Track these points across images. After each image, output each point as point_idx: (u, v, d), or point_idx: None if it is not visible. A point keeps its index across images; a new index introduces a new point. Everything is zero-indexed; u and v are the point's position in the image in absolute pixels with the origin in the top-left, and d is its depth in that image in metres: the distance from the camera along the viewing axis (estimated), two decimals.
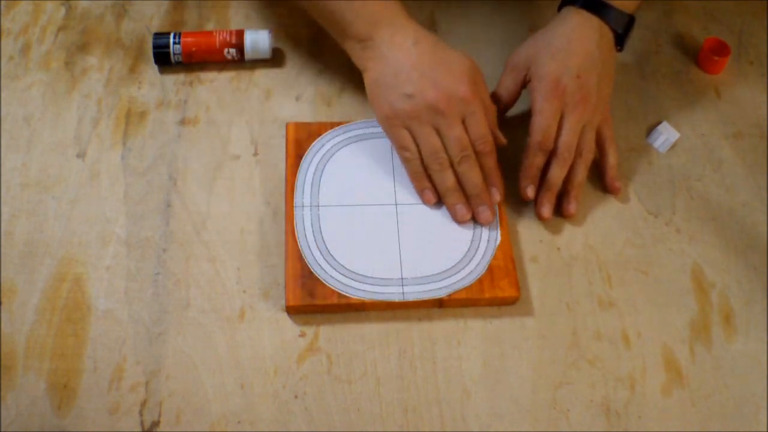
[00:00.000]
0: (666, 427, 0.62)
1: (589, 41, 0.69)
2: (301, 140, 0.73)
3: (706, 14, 0.88)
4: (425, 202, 0.69)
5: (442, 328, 0.65)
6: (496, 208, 0.69)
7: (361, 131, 0.74)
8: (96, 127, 0.75)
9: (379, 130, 0.74)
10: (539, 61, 0.69)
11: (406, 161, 0.69)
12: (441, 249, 0.67)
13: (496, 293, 0.65)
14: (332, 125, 0.74)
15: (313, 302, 0.64)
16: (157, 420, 0.60)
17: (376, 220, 0.68)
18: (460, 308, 0.66)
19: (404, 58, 0.66)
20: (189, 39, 0.78)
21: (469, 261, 0.66)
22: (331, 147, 0.73)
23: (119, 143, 0.74)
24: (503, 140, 0.70)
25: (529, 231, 0.71)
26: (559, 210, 0.71)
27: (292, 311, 0.65)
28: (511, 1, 0.88)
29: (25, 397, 0.60)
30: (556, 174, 0.69)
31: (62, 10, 0.84)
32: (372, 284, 0.65)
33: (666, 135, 0.77)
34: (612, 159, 0.72)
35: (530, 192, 0.69)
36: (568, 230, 0.71)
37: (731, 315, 0.67)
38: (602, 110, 0.71)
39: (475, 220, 0.69)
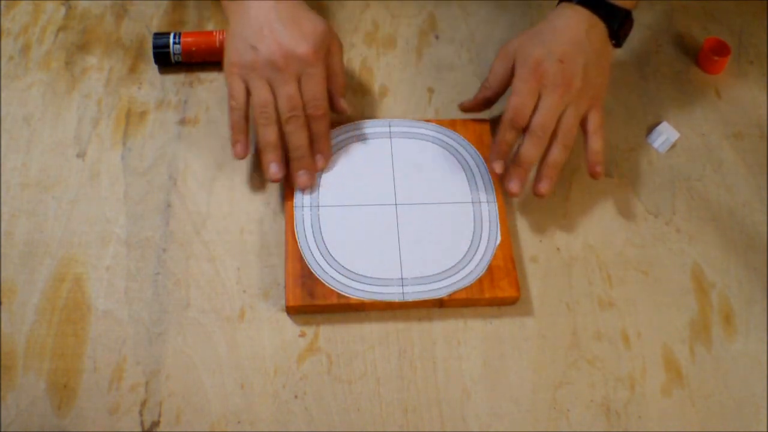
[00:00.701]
0: (666, 427, 0.62)
1: (577, 30, 0.69)
2: None
3: (706, 14, 0.88)
4: (234, 155, 0.70)
5: (442, 328, 0.65)
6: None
7: (361, 131, 0.74)
8: (96, 127, 0.75)
9: (379, 130, 0.74)
10: (525, 47, 0.69)
11: (230, 110, 0.69)
12: (441, 249, 0.67)
13: (496, 293, 0.65)
14: (332, 125, 0.74)
15: (313, 302, 0.64)
16: (157, 420, 0.60)
17: (376, 220, 0.68)
18: (460, 308, 0.66)
19: (261, 13, 0.68)
20: (189, 39, 0.78)
21: (469, 261, 0.66)
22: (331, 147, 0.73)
23: (119, 143, 0.74)
24: (345, 109, 0.71)
25: (529, 231, 0.71)
26: (532, 188, 0.69)
27: (292, 311, 0.65)
28: (511, 1, 0.88)
29: (25, 397, 0.60)
30: (527, 151, 0.67)
31: (62, 10, 0.84)
32: (372, 284, 0.65)
33: (666, 135, 0.77)
34: (595, 144, 0.70)
35: (497, 167, 0.69)
36: (568, 230, 0.71)
37: (731, 315, 0.67)
38: (590, 98, 0.69)
39: (294, 182, 0.69)
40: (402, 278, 0.65)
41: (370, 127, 0.75)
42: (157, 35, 0.79)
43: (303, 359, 0.63)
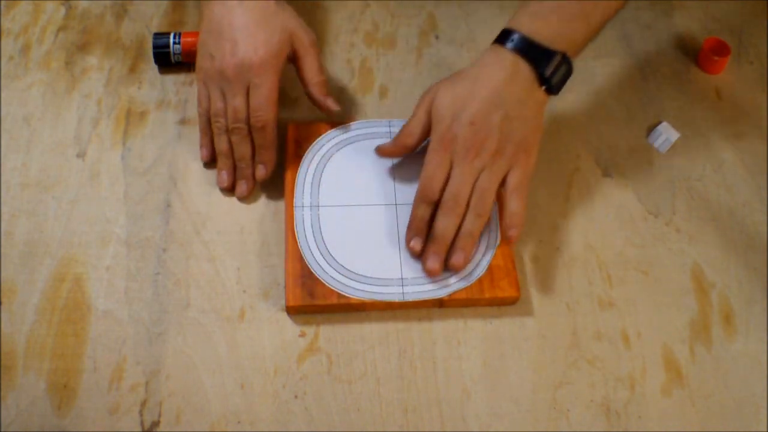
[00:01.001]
0: (666, 427, 0.62)
1: (497, 80, 0.64)
2: (301, 140, 0.73)
3: (706, 14, 0.88)
4: (201, 158, 0.72)
5: (442, 328, 0.65)
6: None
7: (361, 131, 0.74)
8: (96, 127, 0.75)
9: (379, 130, 0.74)
10: (440, 103, 0.65)
11: (198, 116, 0.72)
12: None
13: (496, 293, 0.65)
14: (332, 125, 0.74)
15: (313, 302, 0.64)
16: (157, 420, 0.60)
17: (376, 220, 0.68)
18: (460, 308, 0.66)
19: (225, 16, 0.68)
20: (189, 39, 0.78)
21: (469, 261, 0.66)
22: (331, 147, 0.73)
23: (119, 143, 0.74)
24: (331, 107, 0.71)
25: (529, 231, 0.71)
26: (448, 262, 0.65)
27: (292, 311, 0.65)
28: (511, 1, 0.88)
29: (25, 397, 0.60)
30: (441, 224, 0.64)
31: (62, 10, 0.84)
32: (372, 284, 0.65)
33: (666, 135, 0.77)
34: (511, 206, 0.65)
35: (414, 244, 0.65)
36: (568, 230, 0.71)
37: (731, 315, 0.67)
38: (510, 156, 0.64)
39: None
40: (402, 278, 0.65)
41: (370, 127, 0.75)
42: (157, 35, 0.79)
43: (303, 359, 0.63)
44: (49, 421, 0.59)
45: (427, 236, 0.65)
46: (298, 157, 0.72)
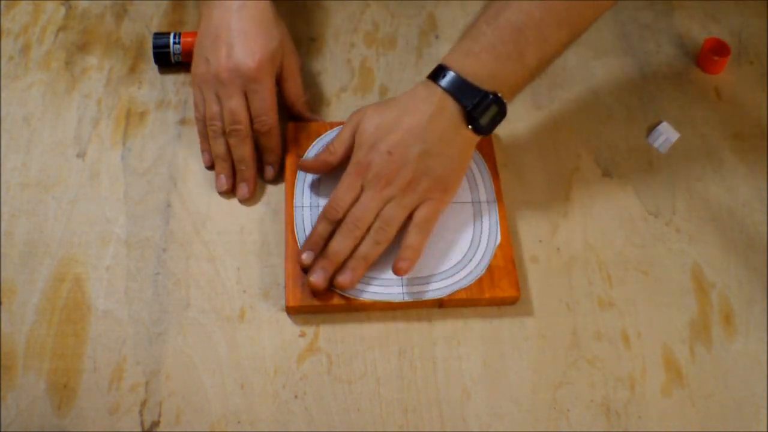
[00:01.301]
0: (666, 427, 0.62)
1: (422, 115, 0.63)
2: (301, 140, 0.73)
3: (706, 14, 0.88)
4: (204, 162, 0.72)
5: (442, 328, 0.65)
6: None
7: None
8: (96, 127, 0.75)
9: None
10: (364, 128, 0.65)
11: (196, 120, 0.72)
12: (441, 249, 0.67)
13: (496, 293, 0.65)
14: (332, 125, 0.74)
15: (313, 302, 0.64)
16: (157, 420, 0.60)
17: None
18: (460, 308, 0.66)
19: (221, 20, 0.69)
20: (189, 39, 0.78)
21: (469, 261, 0.66)
22: None
23: (119, 143, 0.74)
24: (309, 117, 0.72)
25: (529, 231, 0.71)
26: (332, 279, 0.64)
27: (292, 311, 0.65)
28: None
29: (25, 397, 0.60)
30: (336, 243, 0.64)
31: (62, 10, 0.84)
32: (372, 284, 0.65)
33: (666, 135, 0.77)
34: (409, 238, 0.64)
35: (305, 258, 0.64)
36: (568, 230, 0.71)
37: (731, 315, 0.67)
38: (423, 190, 0.64)
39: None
40: (402, 278, 0.65)
41: None
42: (157, 35, 0.79)
43: (303, 359, 0.63)
44: (49, 421, 0.59)
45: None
46: (299, 156, 0.72)
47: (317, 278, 0.63)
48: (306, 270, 0.65)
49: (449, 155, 0.64)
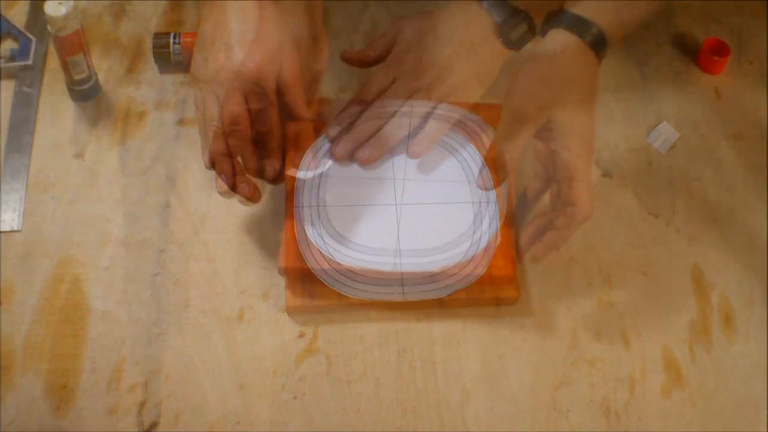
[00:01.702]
0: (666, 427, 0.62)
1: (456, 23, 0.71)
2: (301, 140, 0.73)
3: (706, 14, 0.88)
4: (204, 162, 0.71)
5: (442, 328, 0.65)
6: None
7: None
8: (94, 127, 0.75)
9: None
10: (404, 31, 0.72)
11: (197, 121, 0.71)
12: (442, 248, 0.67)
13: (496, 293, 0.65)
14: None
15: (313, 302, 0.64)
16: (156, 420, 0.60)
17: (378, 220, 0.68)
18: (460, 308, 0.66)
19: (221, 20, 0.68)
20: (189, 39, 0.78)
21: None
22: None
23: (118, 143, 0.74)
24: (306, 118, 0.71)
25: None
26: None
27: (292, 311, 0.65)
28: None
29: (24, 398, 0.60)
30: (362, 123, 0.70)
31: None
32: (372, 284, 0.65)
33: (666, 135, 0.77)
34: (427, 127, 0.71)
35: (330, 131, 0.71)
36: None
37: (731, 316, 0.67)
38: (448, 87, 0.71)
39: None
40: (402, 278, 0.65)
41: None
42: (156, 35, 0.79)
43: (302, 360, 0.63)
44: (48, 421, 0.59)
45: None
46: (298, 156, 0.72)
47: (341, 150, 0.70)
48: (331, 142, 0.71)
49: (476, 61, 0.71)
